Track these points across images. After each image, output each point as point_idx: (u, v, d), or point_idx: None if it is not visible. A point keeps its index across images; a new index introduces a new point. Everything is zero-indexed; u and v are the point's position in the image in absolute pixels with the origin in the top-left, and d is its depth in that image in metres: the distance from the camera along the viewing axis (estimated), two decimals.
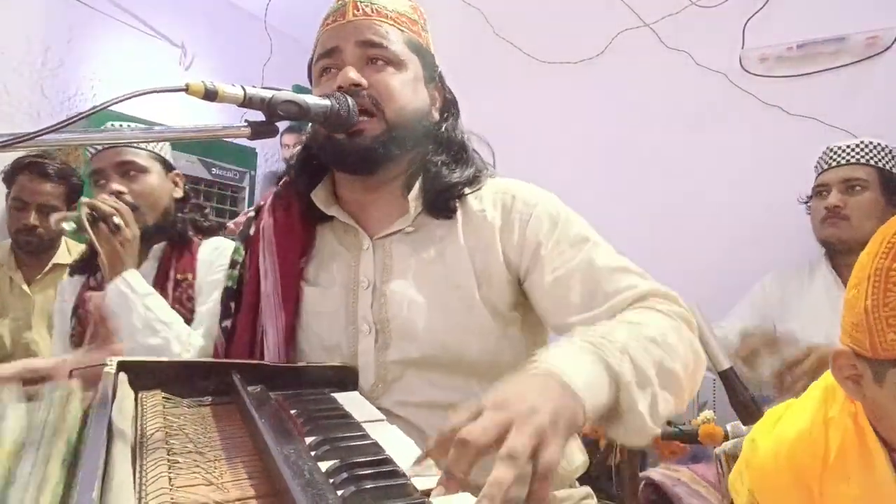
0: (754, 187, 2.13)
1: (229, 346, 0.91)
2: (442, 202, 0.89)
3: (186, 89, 0.69)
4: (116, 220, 1.28)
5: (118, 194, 1.35)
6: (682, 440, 1.47)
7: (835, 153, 1.68)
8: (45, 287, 1.96)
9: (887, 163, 1.64)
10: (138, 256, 1.35)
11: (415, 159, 0.92)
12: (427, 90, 0.94)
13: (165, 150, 1.51)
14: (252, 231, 0.98)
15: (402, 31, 0.91)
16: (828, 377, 0.80)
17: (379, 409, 0.83)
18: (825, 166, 1.70)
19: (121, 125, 1.55)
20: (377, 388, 0.85)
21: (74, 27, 3.15)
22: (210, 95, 0.70)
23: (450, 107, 0.98)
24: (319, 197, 0.93)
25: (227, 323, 0.93)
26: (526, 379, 0.59)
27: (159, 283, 1.38)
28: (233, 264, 0.96)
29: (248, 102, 0.74)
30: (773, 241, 2.02)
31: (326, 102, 0.80)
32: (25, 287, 1.93)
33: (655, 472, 1.57)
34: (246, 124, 0.75)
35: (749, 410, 1.26)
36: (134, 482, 0.46)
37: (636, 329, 0.70)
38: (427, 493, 0.48)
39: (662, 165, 2.30)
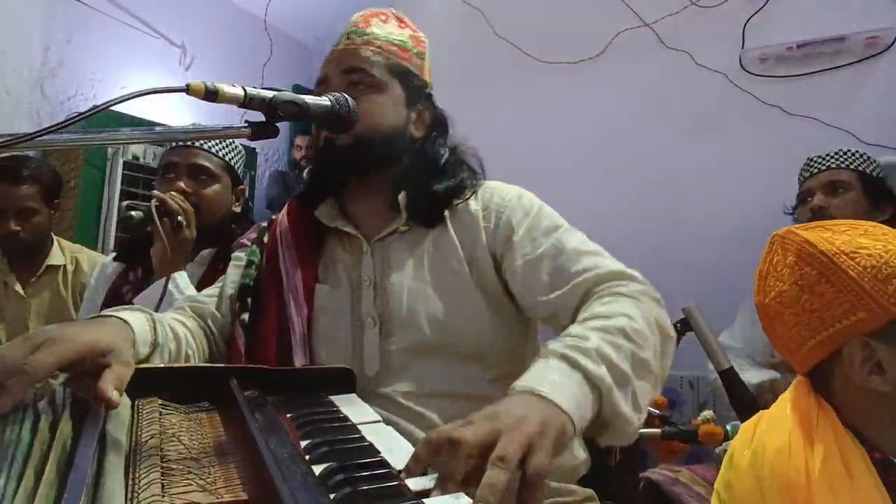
0: (754, 187, 2.13)
1: (251, 339, 0.97)
2: (426, 211, 0.98)
3: (187, 90, 0.69)
4: (181, 218, 1.30)
5: (184, 193, 1.36)
6: (682, 440, 1.47)
7: (816, 162, 1.72)
8: (40, 289, 1.94)
9: (867, 167, 1.66)
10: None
11: (399, 171, 1.01)
12: (408, 111, 1.02)
13: (239, 164, 1.52)
14: (266, 238, 1.07)
15: (386, 58, 1.00)
16: (793, 388, 0.81)
17: (384, 397, 0.87)
18: (806, 174, 1.73)
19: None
20: (381, 377, 0.90)
21: (74, 27, 3.15)
22: (210, 96, 0.69)
23: (437, 125, 1.05)
24: (323, 213, 1.03)
25: (246, 317, 0.99)
26: (511, 398, 0.61)
27: (202, 288, 1.39)
28: (249, 264, 1.04)
29: (248, 103, 0.73)
30: None
31: (326, 102, 0.80)
32: (20, 289, 1.91)
33: (655, 472, 1.57)
34: (246, 125, 0.75)
35: (749, 410, 1.26)
36: (126, 490, 0.45)
37: (604, 323, 0.74)
38: (424, 494, 0.47)
39: (662, 165, 2.30)
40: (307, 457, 0.52)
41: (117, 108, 0.66)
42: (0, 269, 1.91)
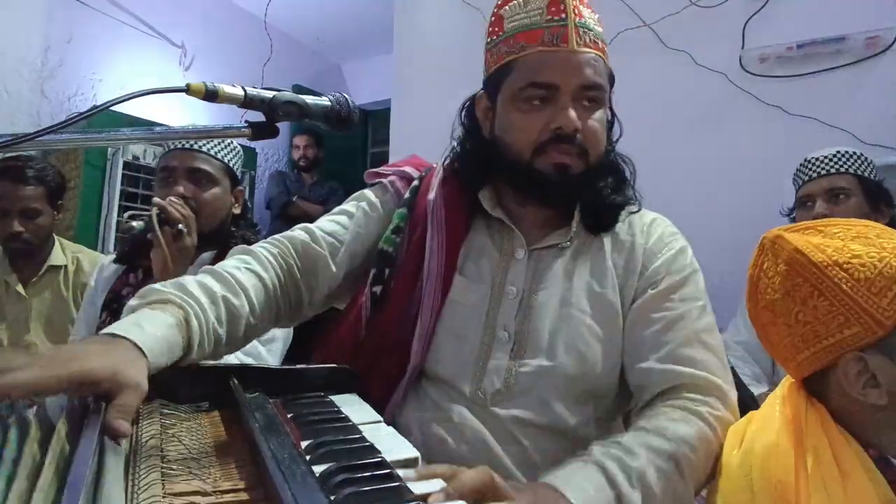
0: (754, 187, 2.13)
1: (379, 314, 0.89)
2: (603, 219, 0.91)
3: (187, 90, 0.69)
4: (182, 226, 1.29)
5: (183, 198, 1.35)
6: None
7: (813, 165, 1.69)
8: (41, 290, 1.94)
9: (865, 170, 1.64)
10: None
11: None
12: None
13: (238, 165, 1.51)
14: (415, 201, 0.95)
15: (605, 63, 0.92)
16: (784, 385, 0.80)
17: (494, 417, 0.82)
18: (805, 178, 1.70)
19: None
20: (499, 396, 0.84)
21: (74, 27, 3.15)
22: (210, 96, 0.69)
23: (612, 126, 0.98)
24: (486, 197, 0.93)
25: (378, 289, 0.90)
26: (537, 492, 0.60)
27: None
28: (396, 230, 0.93)
29: (248, 103, 0.73)
30: None
31: (326, 103, 0.79)
32: (21, 290, 1.91)
33: None
34: (246, 125, 0.75)
35: (749, 410, 1.26)
36: (126, 490, 0.45)
37: (662, 445, 0.71)
38: (424, 499, 0.48)
39: (662, 165, 2.30)
40: (308, 457, 0.52)
41: (117, 108, 0.66)
42: (1, 269, 1.91)
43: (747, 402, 1.34)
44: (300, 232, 0.92)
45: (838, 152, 1.67)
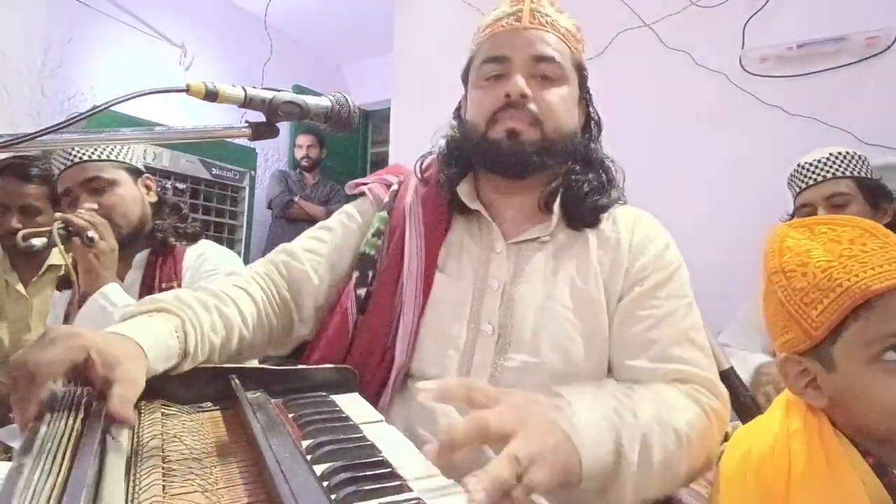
0: (754, 187, 2.13)
1: (364, 316, 0.90)
2: (585, 216, 0.91)
3: (187, 90, 0.69)
4: (91, 233, 1.25)
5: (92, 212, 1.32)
6: None
7: (810, 171, 1.65)
8: (41, 289, 1.94)
9: (861, 170, 1.61)
10: (122, 266, 1.33)
11: (559, 172, 0.93)
12: (578, 108, 0.97)
13: (132, 156, 1.47)
14: (394, 205, 0.98)
15: (569, 47, 0.93)
16: (787, 391, 0.80)
17: None
18: (802, 185, 1.67)
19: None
20: None
21: (74, 27, 3.15)
22: (211, 96, 0.70)
23: (592, 126, 1.00)
24: (464, 191, 0.94)
25: (363, 291, 0.91)
26: (548, 416, 0.60)
27: (144, 293, 1.35)
28: (377, 233, 0.95)
29: (248, 103, 0.74)
30: None
31: (326, 103, 0.80)
32: (22, 289, 1.91)
33: None
34: (247, 125, 0.75)
35: (749, 410, 1.26)
36: (126, 491, 0.46)
37: (667, 413, 0.72)
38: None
39: (662, 165, 2.30)
40: (309, 457, 0.52)
41: (117, 108, 0.66)
42: (2, 269, 1.91)
43: (747, 403, 1.34)
44: (280, 253, 0.96)
45: (831, 155, 1.63)
